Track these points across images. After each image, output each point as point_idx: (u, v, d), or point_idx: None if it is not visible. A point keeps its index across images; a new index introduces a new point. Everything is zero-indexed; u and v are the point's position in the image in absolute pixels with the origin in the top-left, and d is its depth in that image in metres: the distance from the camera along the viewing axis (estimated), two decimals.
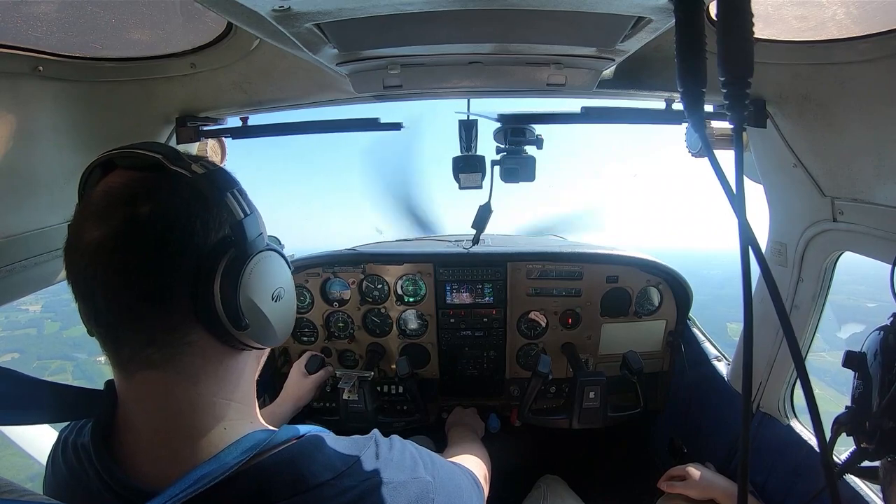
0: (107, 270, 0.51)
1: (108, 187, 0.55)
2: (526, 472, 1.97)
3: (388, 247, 2.36)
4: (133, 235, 0.51)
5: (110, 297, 0.52)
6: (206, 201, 0.55)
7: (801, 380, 0.48)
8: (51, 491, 0.63)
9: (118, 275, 0.51)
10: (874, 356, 0.89)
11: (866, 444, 0.88)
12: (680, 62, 0.52)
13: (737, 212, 0.47)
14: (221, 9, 0.71)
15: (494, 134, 1.43)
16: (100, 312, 0.53)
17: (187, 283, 0.53)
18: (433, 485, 0.64)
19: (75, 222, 0.55)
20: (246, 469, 0.54)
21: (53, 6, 0.89)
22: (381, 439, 0.69)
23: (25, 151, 1.00)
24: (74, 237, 0.54)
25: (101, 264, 0.51)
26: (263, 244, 0.60)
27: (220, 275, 0.54)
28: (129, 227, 0.52)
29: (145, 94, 1.19)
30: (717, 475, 1.51)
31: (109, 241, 0.51)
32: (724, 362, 1.90)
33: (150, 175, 0.55)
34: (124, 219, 0.52)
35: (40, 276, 1.10)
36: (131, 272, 0.51)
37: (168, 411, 0.56)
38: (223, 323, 0.55)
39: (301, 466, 0.56)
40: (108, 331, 0.54)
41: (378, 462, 0.62)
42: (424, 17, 0.74)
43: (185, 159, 0.56)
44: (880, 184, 1.02)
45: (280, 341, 0.65)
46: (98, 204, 0.54)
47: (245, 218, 0.57)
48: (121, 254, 0.51)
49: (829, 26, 0.92)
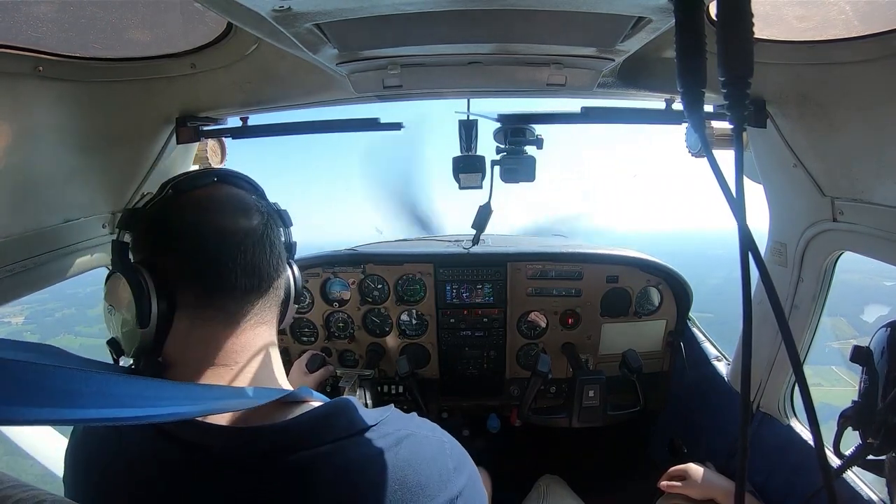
0: (234, 251, 0.67)
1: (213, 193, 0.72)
2: (526, 472, 1.97)
3: (388, 247, 2.36)
4: (256, 230, 0.70)
5: (235, 269, 0.67)
6: (277, 216, 0.79)
7: (799, 383, 0.48)
8: (81, 454, 0.69)
9: (244, 254, 0.68)
10: (881, 353, 0.90)
11: (872, 438, 0.88)
12: (680, 62, 0.52)
13: (736, 213, 0.47)
14: (221, 9, 0.72)
15: (494, 134, 1.43)
16: (222, 281, 0.67)
17: (278, 262, 0.74)
18: (448, 445, 0.72)
19: (187, 206, 0.69)
20: (300, 416, 0.64)
21: (53, 6, 0.89)
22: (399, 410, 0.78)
23: (25, 151, 1.00)
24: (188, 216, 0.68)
25: (228, 248, 0.67)
26: None
27: (291, 268, 0.81)
28: (251, 224, 0.70)
29: (145, 94, 1.19)
30: (718, 475, 1.51)
31: (239, 231, 0.69)
32: (724, 362, 1.90)
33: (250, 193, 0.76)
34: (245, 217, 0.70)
35: (40, 276, 1.10)
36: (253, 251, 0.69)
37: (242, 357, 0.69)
38: (290, 297, 0.78)
39: (347, 415, 0.66)
40: (223, 291, 0.67)
41: (405, 418, 0.73)
42: (424, 17, 0.74)
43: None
44: (880, 184, 1.02)
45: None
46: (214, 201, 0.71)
47: (293, 242, 0.84)
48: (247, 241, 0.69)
49: (830, 26, 0.92)
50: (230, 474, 0.59)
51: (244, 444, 0.60)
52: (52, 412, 0.41)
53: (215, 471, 0.59)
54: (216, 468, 0.59)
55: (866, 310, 10.82)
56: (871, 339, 0.94)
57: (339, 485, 0.59)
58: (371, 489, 0.60)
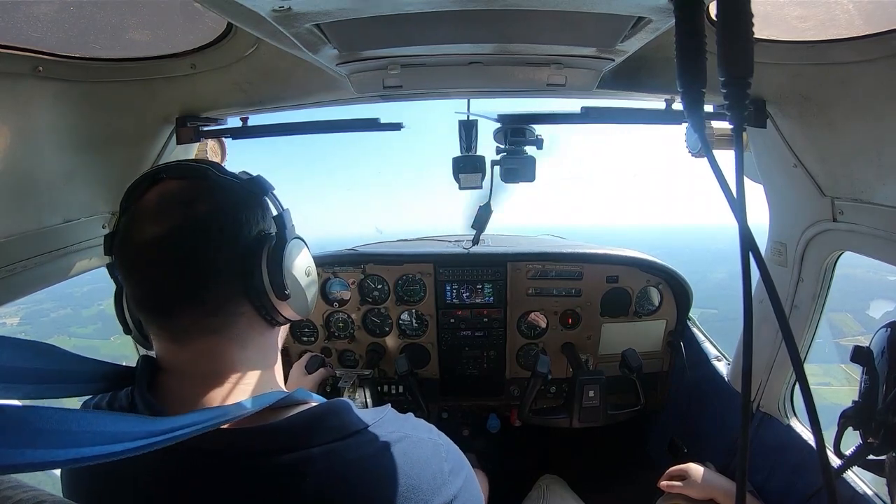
0: (168, 259, 0.60)
1: (162, 192, 0.64)
2: (526, 472, 1.97)
3: (388, 247, 2.36)
4: (194, 229, 0.62)
5: (175, 280, 0.61)
6: (252, 200, 0.69)
7: (800, 382, 0.48)
8: None
9: (181, 261, 0.61)
10: (881, 353, 0.90)
11: (872, 438, 0.89)
12: (680, 62, 0.52)
13: (736, 213, 0.47)
14: (221, 9, 0.72)
15: (494, 134, 1.43)
16: (163, 295, 0.62)
17: (238, 263, 0.64)
18: (444, 448, 0.71)
19: (128, 223, 0.63)
20: (290, 417, 0.63)
21: (53, 6, 0.89)
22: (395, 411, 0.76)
23: (25, 151, 1.00)
24: (129, 234, 0.62)
25: (163, 253, 0.60)
26: (294, 234, 0.72)
27: (266, 255, 0.66)
28: (189, 223, 0.62)
29: (145, 94, 1.19)
30: (717, 475, 1.51)
31: (171, 235, 0.61)
32: (724, 362, 1.91)
33: (201, 181, 0.66)
34: (184, 216, 0.62)
35: (40, 276, 1.10)
36: (193, 258, 0.61)
37: (222, 367, 0.65)
38: (268, 295, 0.66)
39: (340, 417, 0.64)
40: (170, 309, 0.62)
41: (401, 419, 0.71)
42: (424, 17, 0.74)
43: (229, 171, 0.69)
44: (880, 184, 1.02)
45: (310, 312, 0.77)
46: (154, 206, 0.63)
47: (283, 211, 0.71)
48: (183, 244, 0.61)
49: (830, 26, 0.92)
50: (220, 474, 0.59)
51: (234, 445, 0.59)
52: None
53: (206, 470, 0.59)
54: (206, 468, 0.59)
55: (872, 305, 10.73)
56: (872, 339, 0.94)
57: (329, 487, 0.59)
58: (362, 492, 0.60)
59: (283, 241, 0.69)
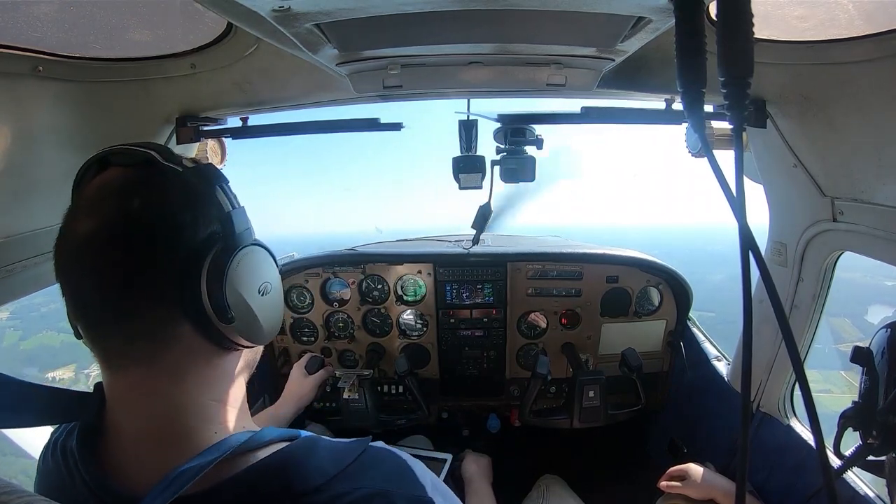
0: (96, 262, 0.51)
1: (101, 182, 0.55)
2: (526, 472, 1.97)
3: (388, 247, 2.36)
4: (124, 227, 0.52)
5: (99, 290, 0.52)
6: (195, 195, 0.56)
7: (800, 382, 0.48)
8: (41, 493, 0.60)
9: (107, 266, 0.51)
10: (881, 353, 0.90)
11: (872, 439, 0.89)
12: (680, 62, 0.52)
13: (736, 213, 0.47)
14: (221, 9, 0.72)
15: (494, 134, 1.43)
16: (88, 306, 0.53)
17: (175, 275, 0.53)
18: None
19: (68, 216, 0.55)
20: (234, 476, 0.52)
21: (53, 6, 0.89)
22: (380, 445, 0.64)
23: (25, 151, 1.00)
24: (66, 230, 0.54)
25: (91, 256, 0.51)
26: (251, 239, 0.60)
27: (207, 267, 0.54)
28: (120, 219, 0.52)
29: (145, 94, 1.19)
30: (717, 475, 1.51)
31: (101, 233, 0.52)
32: (724, 362, 1.91)
33: (142, 170, 0.55)
34: (116, 211, 0.52)
35: (40, 276, 1.09)
36: (120, 263, 0.51)
37: (154, 410, 0.54)
38: (209, 317, 0.54)
39: (290, 472, 0.53)
40: (96, 326, 0.54)
41: (378, 465, 0.58)
42: (424, 17, 0.74)
43: (176, 156, 0.57)
44: (880, 184, 1.02)
45: (267, 339, 0.64)
46: (91, 198, 0.55)
47: (233, 210, 0.57)
48: (111, 245, 0.51)
49: (830, 26, 0.92)
50: None
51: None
52: None
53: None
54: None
55: (870, 310, 10.68)
56: (871, 339, 0.94)
57: None
58: None
59: (233, 247, 0.56)
